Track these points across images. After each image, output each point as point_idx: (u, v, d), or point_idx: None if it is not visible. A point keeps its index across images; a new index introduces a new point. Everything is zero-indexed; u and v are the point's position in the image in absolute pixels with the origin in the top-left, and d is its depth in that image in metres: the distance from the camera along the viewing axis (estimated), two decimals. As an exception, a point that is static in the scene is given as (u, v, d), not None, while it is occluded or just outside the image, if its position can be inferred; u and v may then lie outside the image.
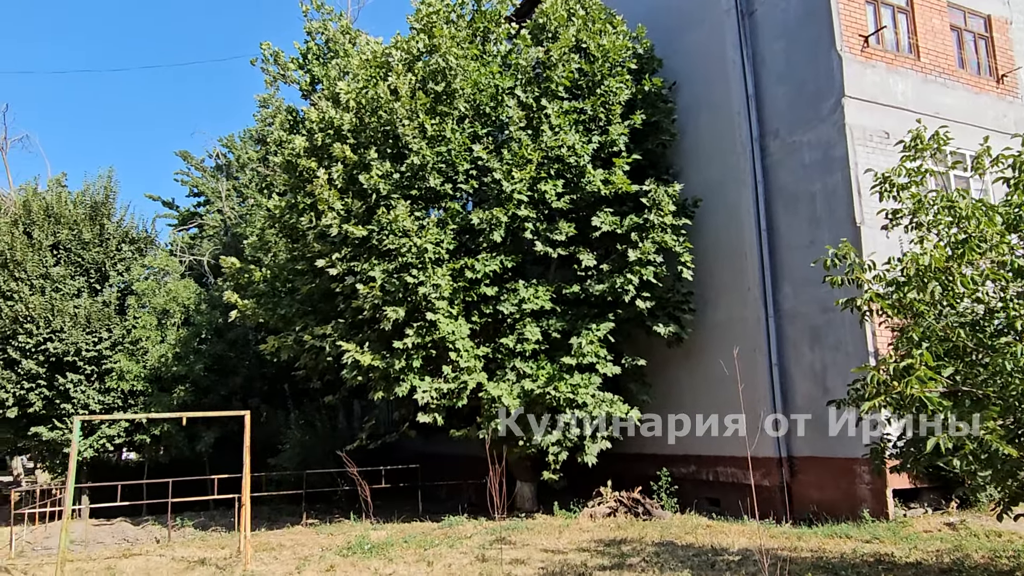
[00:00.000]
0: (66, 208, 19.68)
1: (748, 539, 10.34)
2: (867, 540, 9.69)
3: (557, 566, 8.75)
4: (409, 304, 13.15)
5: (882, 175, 6.84)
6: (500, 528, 12.50)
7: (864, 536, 9.97)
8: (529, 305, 13.86)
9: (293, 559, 10.39)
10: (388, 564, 9.56)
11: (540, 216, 14.01)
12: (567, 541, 10.90)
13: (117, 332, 18.57)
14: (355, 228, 13.33)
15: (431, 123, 13.80)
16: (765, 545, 9.73)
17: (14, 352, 17.51)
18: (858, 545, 9.31)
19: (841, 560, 8.53)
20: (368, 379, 13.75)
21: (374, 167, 13.66)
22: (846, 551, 9.04)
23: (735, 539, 10.37)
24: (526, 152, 13.44)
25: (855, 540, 9.74)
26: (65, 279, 18.66)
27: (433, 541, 11.12)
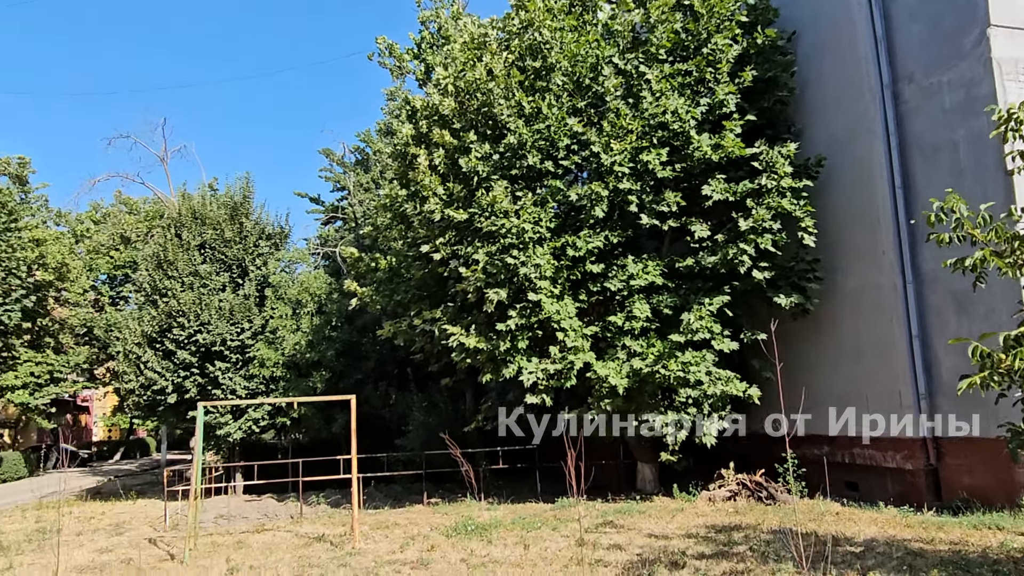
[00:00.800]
0: (210, 210, 21.35)
1: (879, 528, 9.38)
2: (1022, 532, 8.48)
3: (654, 553, 8.33)
4: (512, 285, 13.03)
5: (1006, 111, 5.79)
6: (612, 511, 12.19)
7: (1019, 527, 8.73)
8: (638, 281, 13.34)
9: (401, 538, 10.65)
10: (486, 545, 9.55)
11: (645, 188, 13.39)
12: (677, 526, 10.41)
13: (257, 322, 19.97)
14: (456, 212, 13.37)
15: (528, 100, 13.53)
16: (898, 536, 8.81)
17: (170, 344, 19.31)
18: (1008, 538, 8.16)
19: (982, 555, 7.49)
20: (476, 361, 13.79)
21: (473, 150, 13.62)
22: (991, 544, 7.94)
23: (864, 528, 9.44)
24: (625, 122, 12.86)
25: (1006, 532, 8.55)
26: (211, 275, 20.28)
27: (537, 523, 11.00)
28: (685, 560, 7.81)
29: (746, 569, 7.29)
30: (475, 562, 8.53)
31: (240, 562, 9.47)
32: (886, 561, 7.46)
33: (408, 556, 9.17)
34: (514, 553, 8.91)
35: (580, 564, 7.99)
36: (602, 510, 12.45)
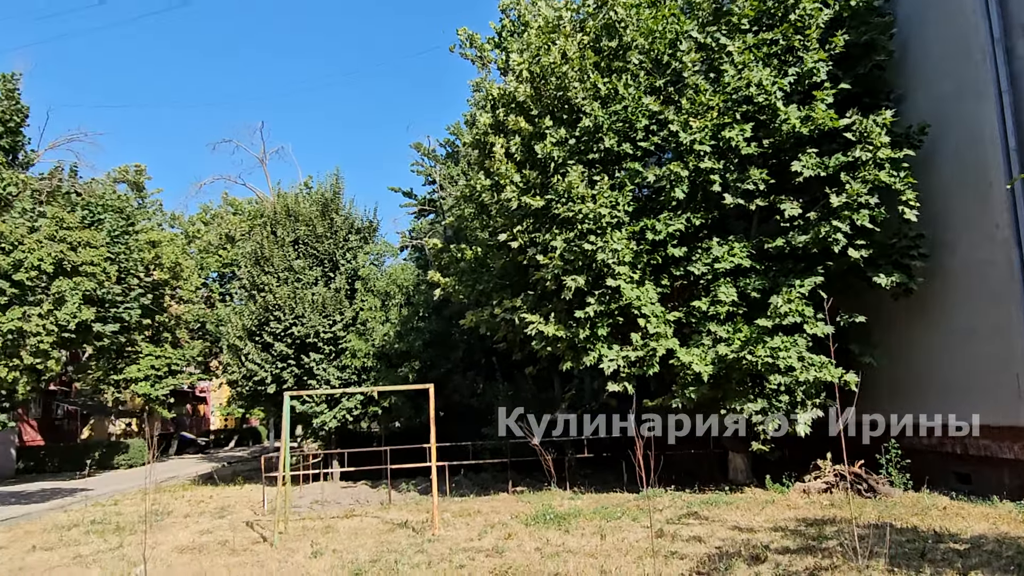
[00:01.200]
0: (302, 207, 22.15)
1: (991, 524, 8.61)
2: None
3: (735, 546, 7.95)
4: (590, 272, 12.79)
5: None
6: (698, 501, 11.79)
7: None
8: (723, 264, 12.81)
9: (481, 526, 10.67)
10: (563, 535, 9.41)
11: (728, 166, 12.80)
12: (765, 518, 9.93)
13: (348, 315, 20.57)
14: (532, 200, 13.23)
15: (603, 82, 13.21)
16: (1011, 533, 8.07)
17: (268, 336, 20.19)
18: None
19: (1110, 558, 6.72)
20: (556, 349, 13.64)
21: (548, 135, 13.43)
22: (1122, 546, 7.11)
23: (973, 524, 8.69)
24: (704, 98, 12.32)
25: None
26: (304, 270, 21.05)
27: (618, 513, 10.77)
28: (767, 554, 7.40)
29: (832, 565, 6.83)
30: (549, 551, 8.41)
31: (325, 546, 9.75)
32: (993, 560, 6.81)
33: (484, 544, 9.16)
34: (590, 543, 8.73)
35: (655, 556, 7.72)
36: (688, 501, 12.06)
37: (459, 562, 8.06)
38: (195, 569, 8.64)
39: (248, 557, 9.33)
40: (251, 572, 8.28)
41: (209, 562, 9.11)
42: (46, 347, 16.06)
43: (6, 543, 11.88)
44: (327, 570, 8.12)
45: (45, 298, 16.32)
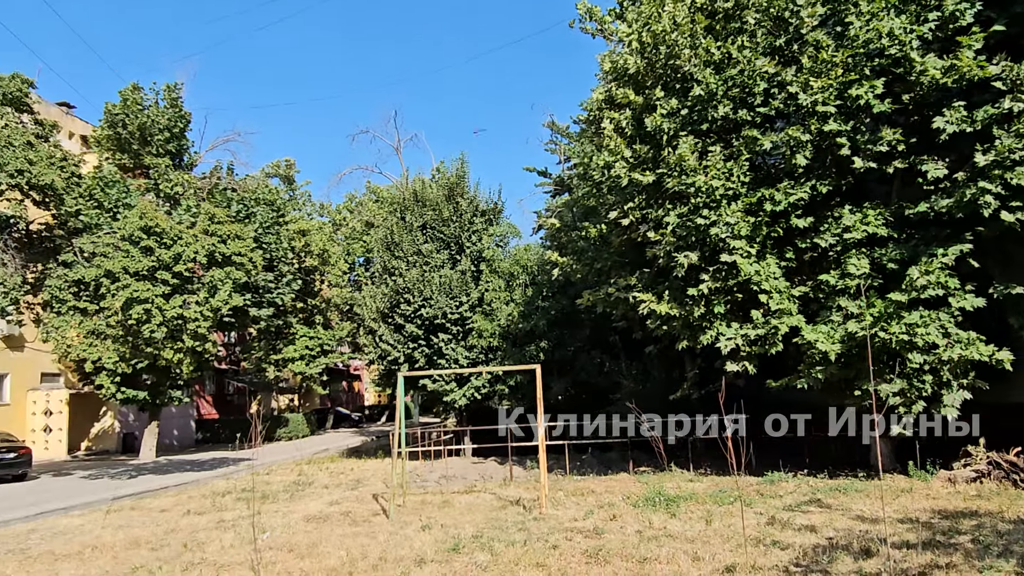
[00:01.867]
0: (429, 193, 22.84)
1: None
2: None
3: (848, 538, 7.39)
4: (705, 247, 12.27)
5: None
6: (826, 488, 11.08)
7: None
8: (854, 234, 11.87)
9: (589, 506, 10.62)
10: (668, 519, 9.16)
11: (858, 127, 11.78)
12: (896, 508, 9.16)
13: (474, 296, 21.03)
14: (642, 175, 12.86)
15: (715, 46, 12.53)
16: None
17: (399, 318, 21.09)
18: None
19: None
20: (672, 328, 13.23)
21: (659, 107, 12.96)
22: None
23: None
24: (827, 54, 11.37)
25: None
26: (432, 253, 21.74)
27: (732, 497, 10.31)
28: (880, 548, 6.82)
29: (950, 564, 6.18)
30: (649, 534, 8.24)
31: (435, 520, 10.10)
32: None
33: (587, 524, 9.12)
34: (693, 528, 8.45)
35: (758, 544, 7.35)
36: (814, 487, 11.36)
37: (554, 542, 8.07)
38: (314, 537, 9.25)
39: (364, 528, 9.86)
40: (361, 542, 8.74)
41: (328, 531, 9.72)
42: (203, 331, 17.70)
43: (170, 506, 13.29)
44: (430, 543, 8.41)
45: (201, 287, 17.95)
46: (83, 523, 11.69)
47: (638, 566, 6.86)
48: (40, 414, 28.58)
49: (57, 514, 13.57)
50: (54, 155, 17.52)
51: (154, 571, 7.64)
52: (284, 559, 7.92)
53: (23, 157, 16.31)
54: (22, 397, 28.28)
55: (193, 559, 8.15)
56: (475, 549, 7.89)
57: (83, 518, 12.34)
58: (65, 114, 32.61)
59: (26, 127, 17.95)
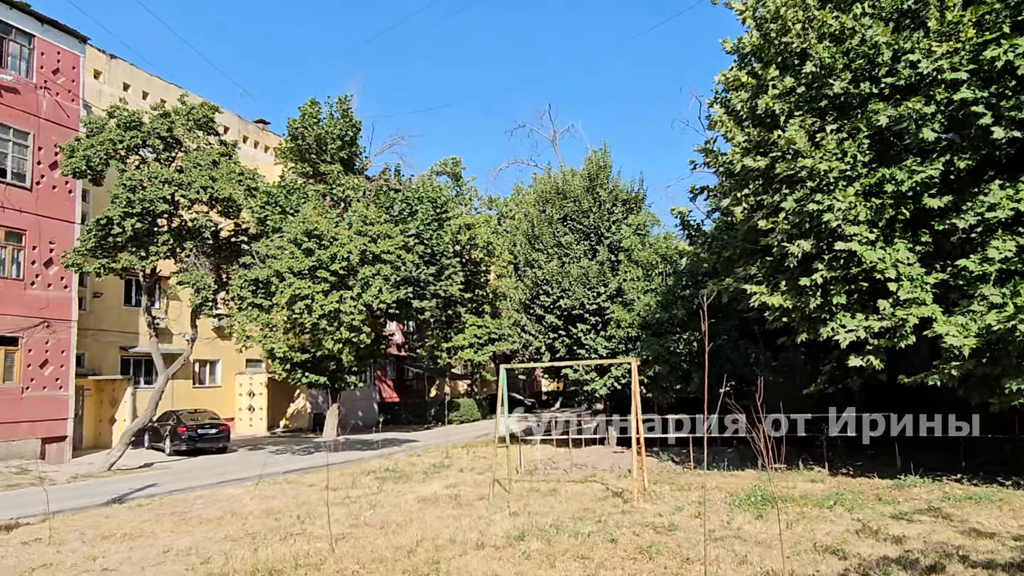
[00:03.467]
0: (570, 184, 23.11)
1: None
2: None
3: (929, 553, 6.76)
4: (819, 235, 11.49)
5: None
6: (958, 496, 10.04)
7: None
8: (999, 212, 10.56)
9: (686, 501, 10.48)
10: (753, 519, 8.84)
11: (1002, 92, 10.42)
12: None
13: (612, 286, 21.02)
14: (751, 160, 12.27)
15: (831, 17, 11.64)
16: None
17: (539, 309, 21.63)
18: None
19: None
20: (791, 320, 12.53)
21: (770, 87, 12.29)
22: None
23: None
24: (953, 15, 10.16)
25: None
26: (571, 245, 22.02)
27: (834, 501, 9.69)
28: (951, 565, 6.21)
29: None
30: (720, 534, 8.06)
31: (529, 507, 10.51)
32: None
33: (668, 520, 9.06)
34: (770, 531, 8.12)
35: (821, 553, 6.97)
36: (948, 493, 10.33)
37: (619, 535, 8.16)
38: (412, 516, 10.04)
39: (462, 511, 10.50)
40: (448, 524, 9.37)
41: (429, 511, 10.48)
42: (358, 323, 19.41)
43: (318, 482, 14.87)
44: (506, 529, 8.84)
45: (355, 283, 19.67)
46: (242, 493, 13.49)
47: (679, 565, 6.81)
48: (245, 395, 32.70)
49: (232, 484, 15.70)
50: (234, 171, 20.02)
51: (259, 536, 8.78)
52: (368, 535, 8.74)
53: (207, 175, 18.85)
54: (231, 380, 32.54)
55: (296, 530, 9.23)
56: (537, 538, 8.20)
57: (244, 488, 14.20)
58: (261, 130, 36.81)
59: (212, 147, 20.64)
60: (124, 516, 11.12)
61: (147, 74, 29.95)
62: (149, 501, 13.07)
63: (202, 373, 31.42)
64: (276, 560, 7.41)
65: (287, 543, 8.38)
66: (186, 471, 18.92)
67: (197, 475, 17.82)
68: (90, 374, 25.13)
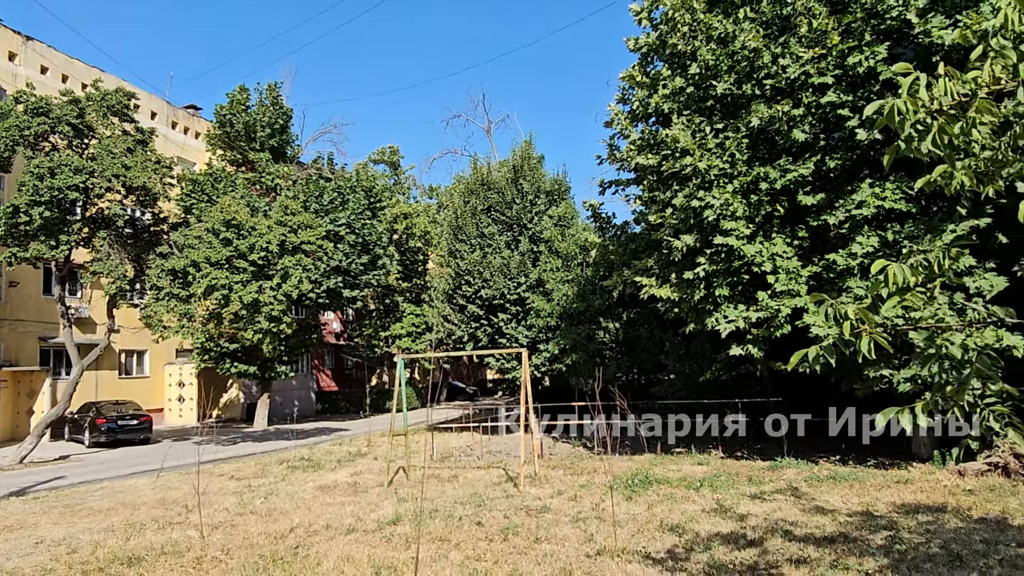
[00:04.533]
0: (495, 176, 23.43)
1: None
2: None
3: (766, 529, 7.33)
4: (702, 230, 12.05)
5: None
6: (820, 476, 10.76)
7: None
8: (864, 210, 11.23)
9: (570, 485, 10.96)
10: (623, 501, 9.34)
11: (866, 96, 11.07)
12: (869, 500, 8.91)
13: (532, 276, 21.48)
14: (644, 158, 12.76)
15: (716, 20, 12.15)
16: None
17: (461, 299, 21.98)
18: None
19: None
20: (681, 311, 13.10)
21: (660, 87, 12.77)
22: None
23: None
24: (818, 23, 10.75)
25: None
26: (494, 235, 22.39)
27: (702, 483, 10.29)
28: (769, 539, 6.77)
29: (815, 559, 6.09)
30: (585, 515, 8.53)
31: (419, 493, 10.85)
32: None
33: (546, 503, 9.51)
34: (632, 511, 8.63)
35: (666, 531, 7.48)
36: (815, 474, 11.03)
37: (489, 519, 8.57)
38: (302, 504, 10.29)
39: (357, 498, 10.79)
40: (333, 510, 9.66)
41: (322, 499, 10.74)
42: (277, 313, 19.45)
43: (229, 472, 14.95)
44: (389, 513, 9.17)
45: (275, 273, 19.68)
46: (144, 484, 13.52)
47: (528, 544, 7.24)
48: (175, 385, 32.30)
49: (143, 475, 15.66)
50: (150, 159, 19.77)
51: (138, 526, 8.94)
52: (248, 522, 8.97)
53: (120, 163, 18.57)
54: (160, 370, 32.09)
55: (179, 519, 9.40)
56: (410, 522, 8.55)
57: (148, 480, 14.22)
58: (192, 116, 36.12)
59: (129, 135, 20.31)
60: (14, 509, 11.09)
61: (66, 56, 29.13)
62: (47, 494, 13.01)
63: (129, 363, 30.92)
64: (143, 549, 7.60)
65: (163, 532, 8.55)
66: (100, 463, 18.74)
67: (111, 467, 17.69)
68: (6, 365, 24.58)
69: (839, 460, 12.77)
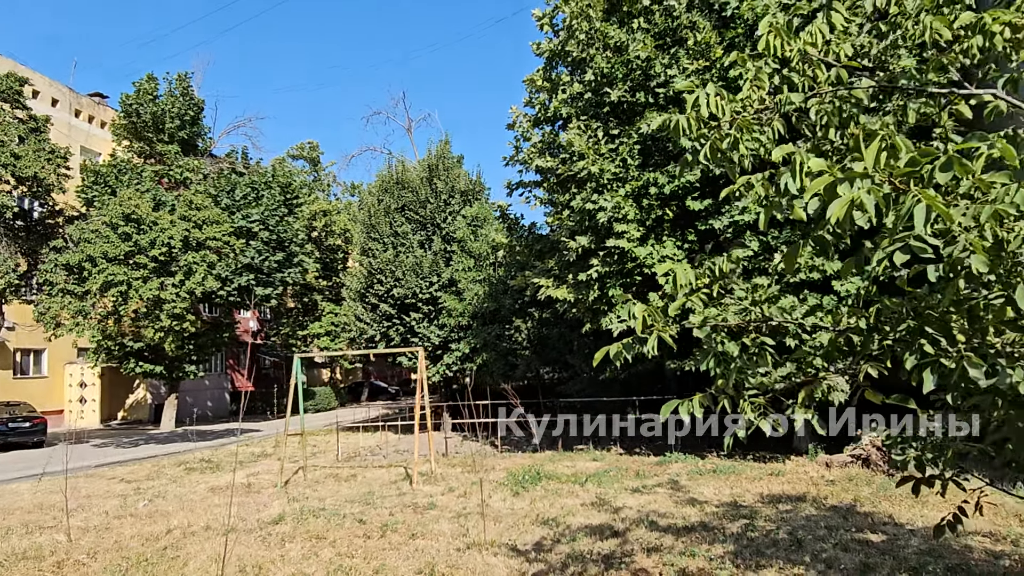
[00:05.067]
0: (410, 175, 23.42)
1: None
2: None
3: (634, 521, 7.67)
4: (596, 232, 12.43)
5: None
6: (704, 470, 11.26)
7: None
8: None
9: (463, 482, 11.13)
10: (508, 497, 9.59)
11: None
12: (739, 491, 9.42)
13: (445, 276, 21.60)
14: (543, 160, 13.06)
15: (612, 29, 12.54)
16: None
17: (373, 298, 21.90)
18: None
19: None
20: (579, 311, 13.48)
21: (559, 91, 13.10)
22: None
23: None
24: (703, 36, 11.26)
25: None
26: (407, 234, 22.39)
27: (604, 477, 10.69)
28: (634, 530, 7.11)
29: (668, 547, 6.45)
30: (468, 511, 8.71)
31: (315, 493, 10.83)
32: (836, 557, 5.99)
33: (434, 500, 9.66)
34: (516, 507, 8.89)
35: (541, 525, 7.74)
36: (698, 468, 11.54)
37: (371, 516, 8.65)
38: (188, 505, 10.12)
39: (248, 498, 10.67)
40: (221, 510, 9.53)
41: (211, 500, 10.58)
42: (180, 311, 18.93)
43: (122, 475, 14.49)
44: (276, 512, 9.13)
45: (177, 269, 19.15)
46: (26, 488, 12.99)
47: (404, 540, 7.37)
48: (76, 386, 30.93)
49: (27, 480, 15.01)
50: (43, 148, 18.94)
51: (6, 530, 8.63)
52: (125, 525, 8.78)
53: (9, 152, 17.74)
54: (60, 370, 30.67)
55: (52, 523, 9.11)
56: (294, 521, 8.56)
57: (31, 484, 13.66)
58: (97, 104, 34.63)
59: (23, 122, 19.41)
60: None
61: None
62: (-82, 500, 12.34)
63: (25, 363, 29.42)
64: (2, 554, 7.36)
65: (29, 537, 8.27)
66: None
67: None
68: None
69: (727, 455, 13.39)
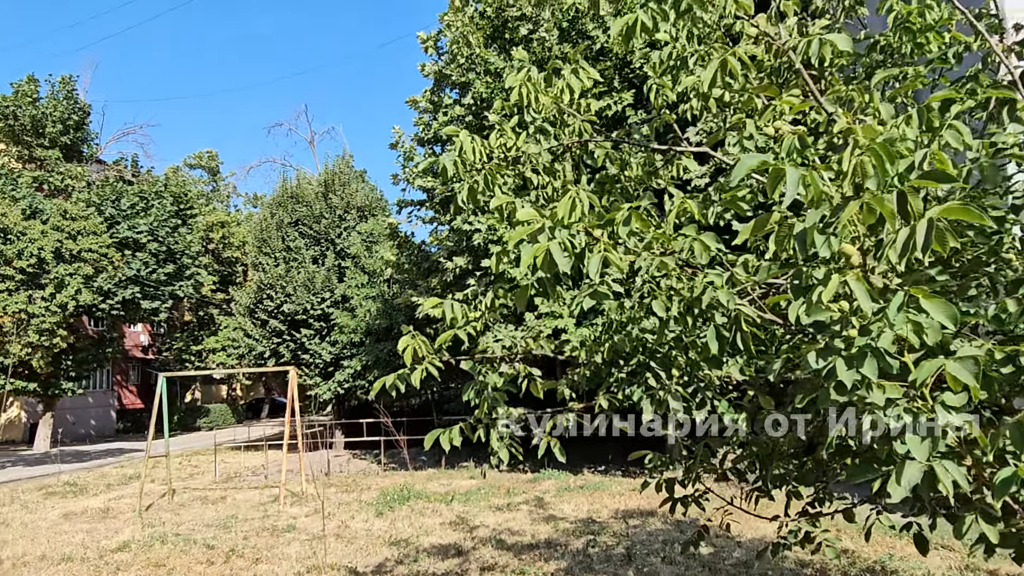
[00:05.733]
0: (305, 189, 23.11)
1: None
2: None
3: (483, 540, 7.84)
4: (474, 251, 12.65)
5: None
6: (571, 487, 11.56)
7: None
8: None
9: (334, 503, 11.05)
10: (371, 518, 9.60)
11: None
12: (602, 505, 9.77)
13: (338, 292, 21.38)
14: (423, 181, 13.22)
15: (491, 55, 12.85)
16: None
17: (263, 314, 21.44)
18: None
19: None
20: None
21: (440, 112, 13.30)
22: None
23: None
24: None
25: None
26: (300, 250, 22.06)
27: (472, 496, 10.84)
28: (479, 549, 7.27)
29: (501, 566, 6.64)
30: (328, 531, 8.67)
31: (174, 518, 10.51)
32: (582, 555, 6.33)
33: (294, 523, 9.55)
34: (372, 526, 8.91)
35: (391, 545, 7.80)
36: (566, 485, 11.84)
37: (221, 541, 8.49)
38: (32, 532, 9.63)
39: (101, 525, 10.25)
40: (67, 537, 9.15)
41: (60, 527, 10.11)
42: (50, 326, 17.98)
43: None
44: (125, 539, 8.82)
45: (48, 281, 18.21)
46: None
47: (247, 565, 7.28)
48: (-61, 405, 28.74)
49: None
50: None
51: None
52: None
53: None
54: (-80, 388, 28.44)
55: None
56: (139, 549, 8.29)
57: None
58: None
59: None
60: None
61: None
62: None
63: None
64: None
65: None
66: None
67: None
68: None
69: (602, 470, 13.79)
